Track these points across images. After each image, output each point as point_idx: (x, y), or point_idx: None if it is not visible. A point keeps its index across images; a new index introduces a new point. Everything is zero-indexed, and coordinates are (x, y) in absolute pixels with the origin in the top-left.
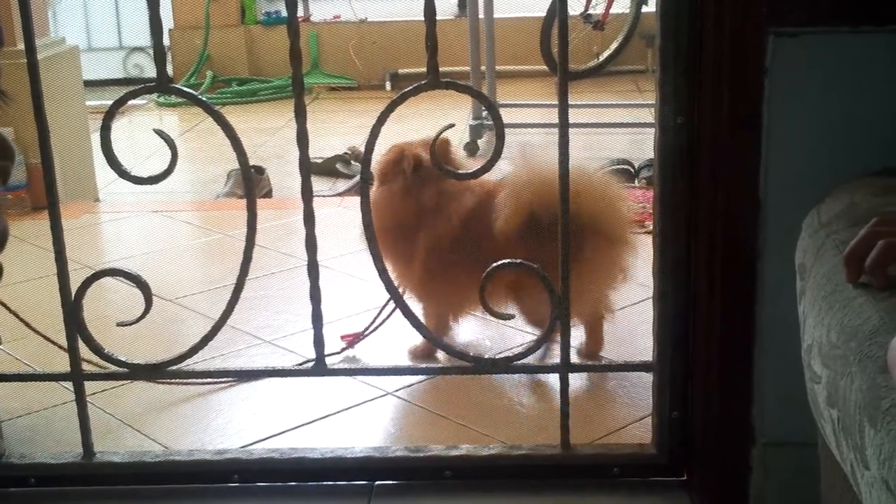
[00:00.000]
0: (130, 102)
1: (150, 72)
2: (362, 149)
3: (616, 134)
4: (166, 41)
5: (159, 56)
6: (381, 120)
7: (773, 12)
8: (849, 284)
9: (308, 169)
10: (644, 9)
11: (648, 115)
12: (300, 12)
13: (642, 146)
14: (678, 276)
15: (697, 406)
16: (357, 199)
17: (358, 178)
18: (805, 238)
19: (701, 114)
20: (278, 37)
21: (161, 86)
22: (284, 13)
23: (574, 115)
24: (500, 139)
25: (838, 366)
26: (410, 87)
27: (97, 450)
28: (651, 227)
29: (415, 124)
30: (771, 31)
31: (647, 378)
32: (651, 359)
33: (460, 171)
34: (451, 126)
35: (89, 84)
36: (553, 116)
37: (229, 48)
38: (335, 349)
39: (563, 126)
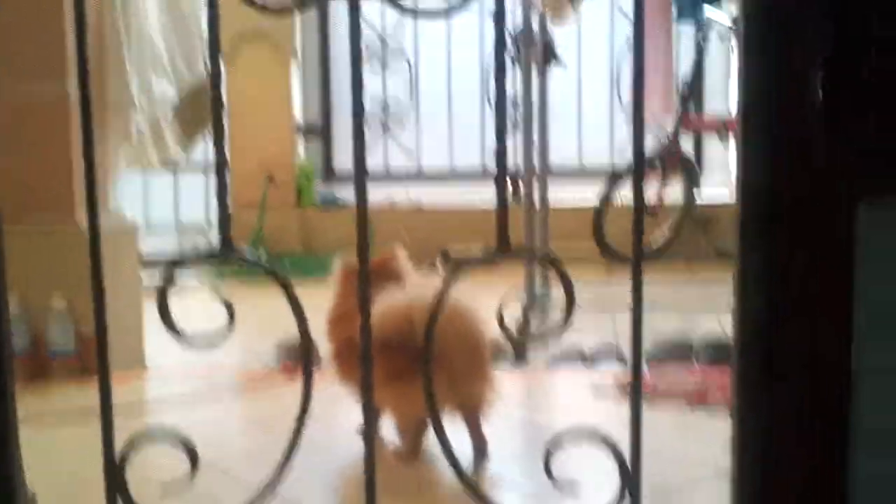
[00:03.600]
0: (182, 284)
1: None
2: None
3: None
4: None
5: (224, 222)
6: (445, 289)
7: (865, 183)
8: None
9: (368, 335)
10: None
11: (702, 298)
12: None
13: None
14: (756, 452)
15: None
16: None
17: None
18: None
19: (783, 293)
20: (333, 218)
21: (225, 252)
22: (338, 196)
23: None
24: (570, 295)
25: None
26: (481, 255)
27: None
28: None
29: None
30: (862, 203)
31: None
32: None
33: None
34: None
35: (145, 262)
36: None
37: (284, 227)
38: None
39: (637, 303)
